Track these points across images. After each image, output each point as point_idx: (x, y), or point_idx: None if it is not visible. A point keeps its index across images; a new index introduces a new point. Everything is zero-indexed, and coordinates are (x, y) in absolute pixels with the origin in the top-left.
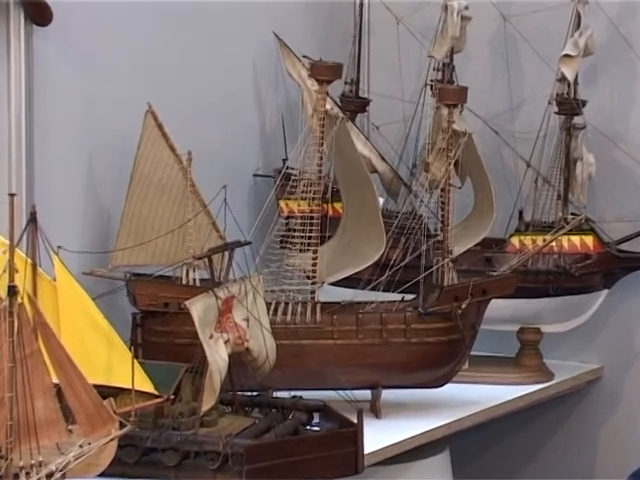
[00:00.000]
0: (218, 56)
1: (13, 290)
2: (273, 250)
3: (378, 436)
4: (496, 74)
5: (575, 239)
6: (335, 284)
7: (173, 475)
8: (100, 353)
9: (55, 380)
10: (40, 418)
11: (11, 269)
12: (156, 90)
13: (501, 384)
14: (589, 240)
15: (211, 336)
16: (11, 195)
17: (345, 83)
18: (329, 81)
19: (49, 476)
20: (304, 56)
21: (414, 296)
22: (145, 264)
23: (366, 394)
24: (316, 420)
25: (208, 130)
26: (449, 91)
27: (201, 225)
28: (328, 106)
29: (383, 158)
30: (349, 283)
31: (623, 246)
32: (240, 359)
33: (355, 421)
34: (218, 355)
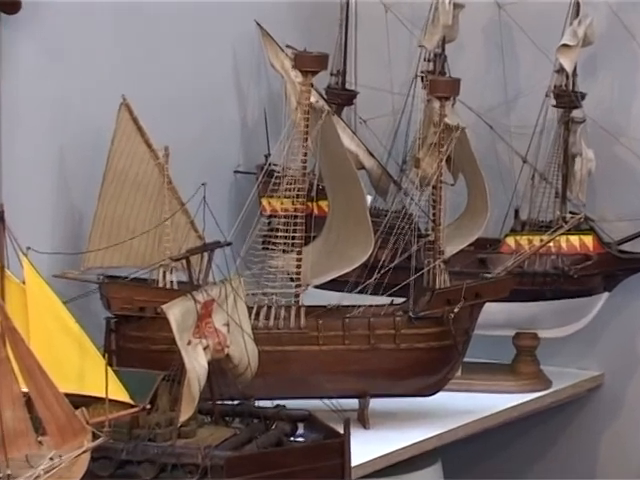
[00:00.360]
0: (196, 46)
1: None
2: (255, 251)
3: (366, 447)
4: (490, 65)
5: (574, 239)
6: (320, 287)
7: None
8: (72, 360)
9: (24, 389)
10: (8, 429)
11: None
12: (131, 82)
13: (496, 392)
14: (589, 240)
15: (189, 342)
16: None
17: (331, 74)
18: (314, 72)
19: None
20: (287, 46)
21: (404, 300)
22: (119, 266)
23: (353, 403)
24: (300, 431)
25: (186, 124)
26: (441, 83)
27: (179, 225)
28: (313, 99)
29: (371, 154)
30: (335, 286)
31: (624, 246)
32: (220, 366)
33: (342, 432)
34: (197, 362)
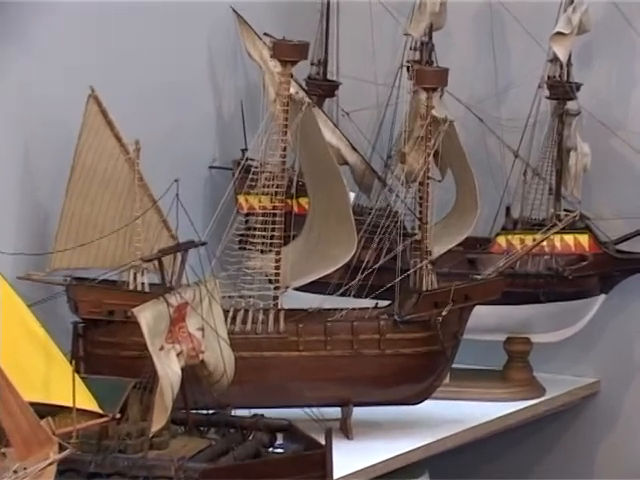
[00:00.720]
0: (169, 35)
1: None
2: (231, 251)
3: (349, 459)
4: (480, 54)
5: (568, 238)
6: (301, 289)
7: None
8: (37, 367)
9: None
10: None
11: None
12: (100, 72)
13: (486, 401)
14: (584, 239)
15: (162, 348)
16: None
17: (311, 64)
18: (293, 62)
19: None
20: (265, 34)
21: (389, 302)
22: (87, 267)
23: (336, 412)
24: (280, 441)
25: (158, 117)
26: (428, 73)
27: (150, 223)
28: (292, 90)
29: (354, 148)
30: (316, 288)
31: (622, 246)
32: (194, 373)
33: (323, 442)
34: (170, 369)
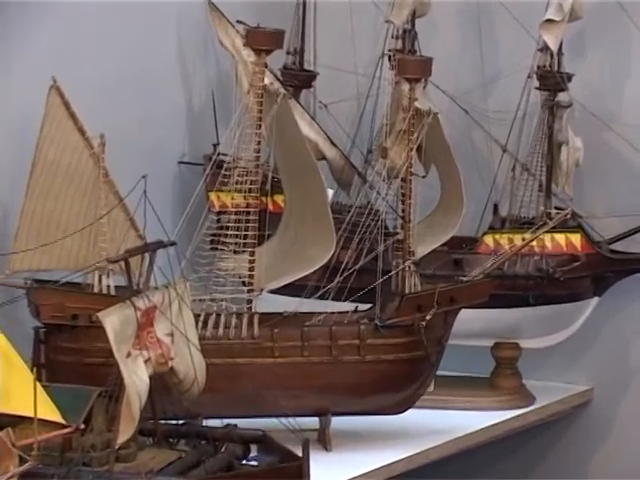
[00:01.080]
0: (135, 21)
1: None
2: (202, 252)
3: (327, 472)
4: (466, 43)
5: (560, 238)
6: (276, 292)
7: None
8: None
9: None
10: None
11: None
12: (62, 62)
13: (473, 410)
14: (576, 239)
15: (129, 354)
16: None
17: (287, 53)
18: (268, 51)
19: None
20: (238, 21)
21: (369, 306)
22: (50, 269)
23: (313, 422)
24: (254, 453)
25: (124, 109)
26: (410, 63)
27: (116, 222)
28: (267, 80)
29: (332, 142)
30: (293, 290)
31: (616, 246)
32: (163, 381)
33: (300, 454)
34: (137, 376)
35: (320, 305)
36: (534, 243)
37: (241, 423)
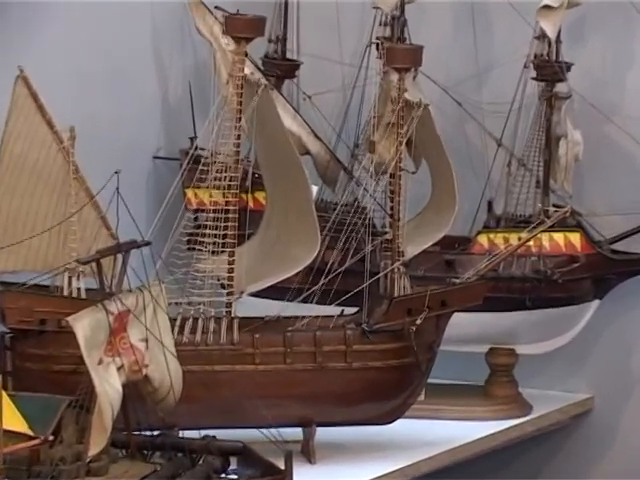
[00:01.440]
0: (106, 8)
1: None
2: (178, 252)
3: None
4: (459, 30)
5: (558, 237)
6: (257, 295)
7: None
8: None
9: None
10: None
11: None
12: (29, 51)
13: (466, 420)
14: (575, 238)
15: (100, 361)
16: None
17: (269, 41)
18: (248, 39)
19: None
20: (217, 7)
21: (356, 310)
22: (16, 270)
23: (296, 433)
24: (233, 466)
25: (96, 101)
26: (400, 51)
27: (87, 221)
28: (247, 70)
29: (317, 136)
30: (275, 293)
31: (618, 245)
32: (137, 390)
33: (282, 467)
34: (109, 385)
35: (304, 309)
36: (531, 243)
37: (220, 434)
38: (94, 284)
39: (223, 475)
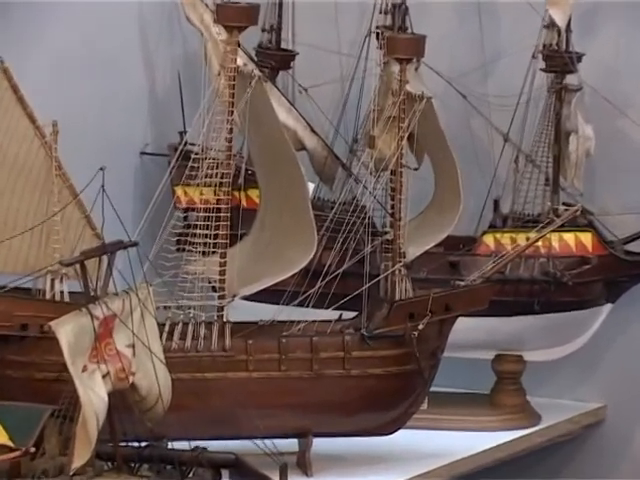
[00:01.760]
0: None
1: None
2: (167, 253)
3: None
4: (464, 19)
5: (568, 238)
6: (250, 298)
7: None
8: None
9: None
10: None
11: None
12: (10, 41)
13: (471, 430)
14: (587, 239)
15: (85, 368)
16: None
17: (263, 31)
18: (241, 28)
19: None
20: None
21: (355, 314)
22: None
23: (292, 444)
24: (225, 479)
25: (80, 93)
26: (401, 41)
27: (71, 220)
28: (240, 61)
29: (313, 130)
30: (269, 297)
31: (631, 246)
32: (124, 399)
33: None
34: (94, 393)
35: (300, 313)
36: (540, 243)
37: (211, 446)
38: (78, 287)
39: None
